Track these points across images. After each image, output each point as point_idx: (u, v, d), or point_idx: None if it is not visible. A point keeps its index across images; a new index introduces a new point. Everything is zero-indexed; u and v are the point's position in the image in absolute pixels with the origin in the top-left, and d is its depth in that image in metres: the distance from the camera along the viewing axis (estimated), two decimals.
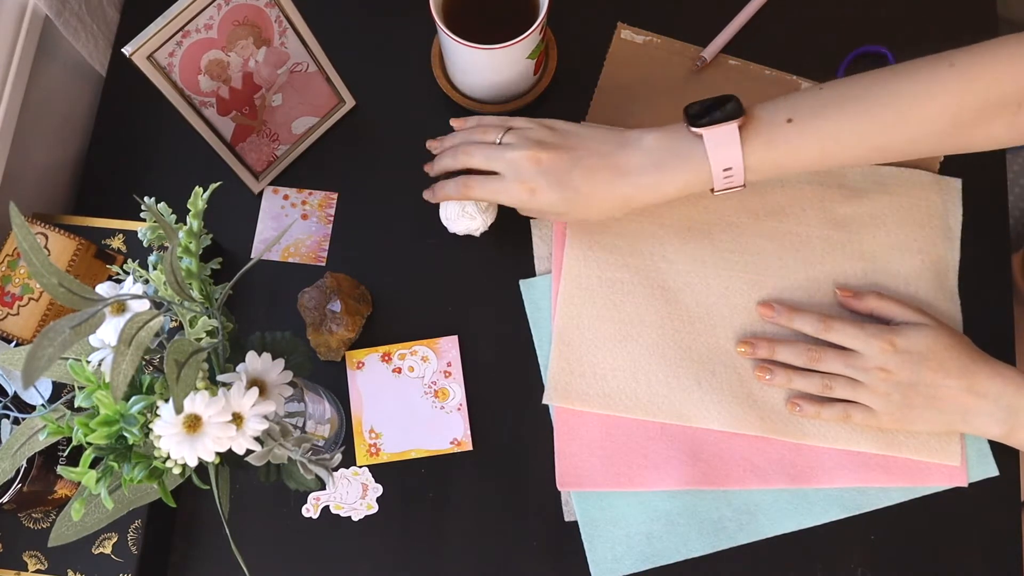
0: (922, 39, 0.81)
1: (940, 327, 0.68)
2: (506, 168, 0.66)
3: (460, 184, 0.68)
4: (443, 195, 0.70)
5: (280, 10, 0.70)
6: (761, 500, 0.71)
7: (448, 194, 0.70)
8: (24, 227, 0.41)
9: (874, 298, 0.71)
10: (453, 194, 0.69)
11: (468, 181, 0.68)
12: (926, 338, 0.67)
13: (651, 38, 0.82)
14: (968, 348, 0.67)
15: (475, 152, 0.67)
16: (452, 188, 0.69)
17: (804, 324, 0.70)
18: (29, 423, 0.48)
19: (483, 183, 0.67)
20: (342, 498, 0.72)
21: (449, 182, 0.70)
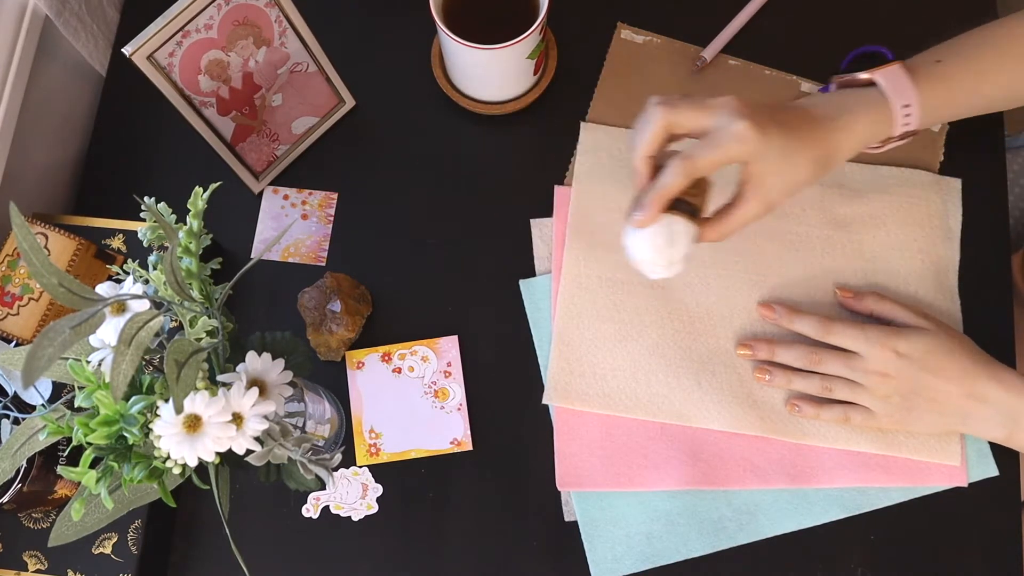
0: (922, 39, 0.81)
1: (941, 331, 0.67)
2: (720, 115, 0.57)
3: (678, 164, 0.56)
4: (662, 194, 0.57)
5: (280, 10, 0.70)
6: (761, 500, 0.71)
7: (668, 187, 0.56)
8: (24, 227, 0.41)
9: (874, 299, 0.71)
10: (672, 182, 0.56)
11: (686, 153, 0.56)
12: (927, 343, 0.66)
13: (651, 38, 0.82)
14: (969, 352, 0.67)
15: (677, 102, 0.58)
16: (670, 175, 0.56)
17: (805, 326, 0.70)
18: (29, 423, 0.48)
19: (705, 144, 0.57)
20: (342, 498, 0.72)
21: (664, 173, 0.57)
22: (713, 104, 0.57)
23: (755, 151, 0.57)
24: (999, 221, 0.76)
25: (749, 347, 0.71)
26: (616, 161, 0.78)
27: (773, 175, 0.58)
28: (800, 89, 0.80)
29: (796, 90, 0.80)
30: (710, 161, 0.57)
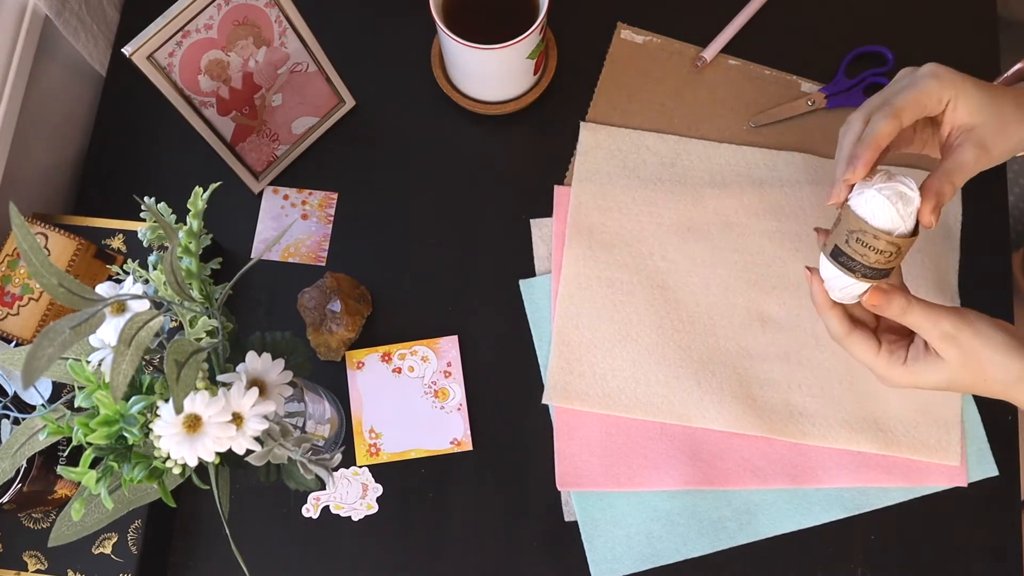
0: (922, 39, 0.82)
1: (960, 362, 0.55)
2: (908, 74, 0.56)
3: (878, 112, 0.54)
4: (873, 142, 0.53)
5: (280, 10, 0.70)
6: (761, 500, 0.71)
7: (877, 133, 0.53)
8: (24, 227, 0.41)
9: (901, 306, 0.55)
10: (881, 127, 0.53)
11: (886, 98, 0.55)
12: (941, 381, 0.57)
13: (651, 38, 0.82)
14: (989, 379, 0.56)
15: (866, 102, 0.56)
16: (877, 123, 0.54)
17: None
18: (29, 423, 0.48)
19: (901, 88, 0.55)
20: (342, 498, 0.72)
21: (870, 124, 0.54)
22: (895, 78, 0.57)
23: (952, 85, 0.54)
24: (999, 221, 0.76)
25: None
26: (616, 161, 0.78)
27: (981, 116, 0.54)
28: (800, 89, 0.80)
29: (796, 90, 0.80)
30: (911, 98, 0.54)
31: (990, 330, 0.54)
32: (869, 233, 0.51)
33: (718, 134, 0.79)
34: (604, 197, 0.77)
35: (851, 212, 0.52)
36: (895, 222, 0.51)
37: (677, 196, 0.77)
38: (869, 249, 0.51)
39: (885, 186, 0.51)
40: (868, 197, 0.51)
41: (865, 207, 0.51)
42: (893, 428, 0.71)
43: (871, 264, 0.52)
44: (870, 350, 0.56)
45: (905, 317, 0.54)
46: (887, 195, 0.51)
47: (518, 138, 0.80)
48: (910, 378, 0.56)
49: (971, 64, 0.80)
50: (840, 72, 0.79)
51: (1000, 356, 0.53)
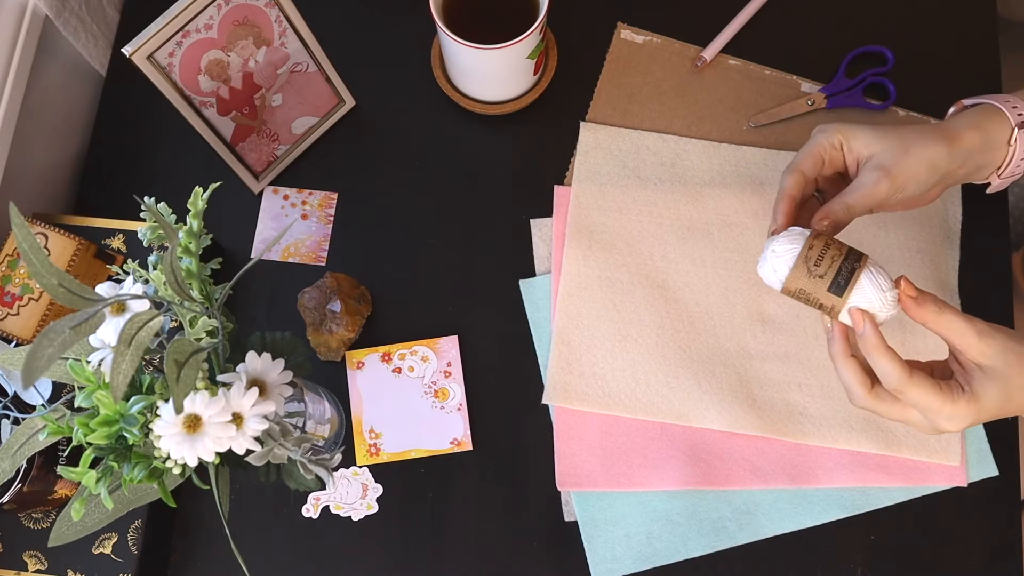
0: (922, 39, 0.82)
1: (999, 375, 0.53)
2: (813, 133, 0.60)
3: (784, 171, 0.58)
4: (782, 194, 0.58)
5: (280, 10, 0.70)
6: (761, 500, 0.71)
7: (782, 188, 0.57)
8: (24, 227, 0.41)
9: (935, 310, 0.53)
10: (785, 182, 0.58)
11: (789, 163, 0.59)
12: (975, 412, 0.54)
13: (651, 38, 0.82)
14: None
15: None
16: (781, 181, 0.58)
17: None
18: (29, 423, 0.48)
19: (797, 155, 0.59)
20: (342, 498, 0.72)
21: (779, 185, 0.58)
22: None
23: (839, 131, 0.58)
24: (999, 221, 0.76)
25: None
26: (616, 161, 0.78)
27: (874, 143, 0.57)
28: (800, 89, 0.80)
29: (796, 90, 0.80)
30: (807, 154, 0.58)
31: (1012, 331, 0.53)
32: (804, 253, 0.52)
33: (718, 134, 0.79)
34: (604, 197, 0.77)
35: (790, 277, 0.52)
36: (790, 248, 0.52)
37: (677, 196, 0.77)
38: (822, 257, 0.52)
39: (764, 253, 0.54)
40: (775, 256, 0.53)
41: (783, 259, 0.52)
42: (893, 428, 0.71)
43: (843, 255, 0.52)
44: (934, 387, 0.52)
45: (940, 317, 0.52)
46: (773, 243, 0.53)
47: (518, 138, 0.80)
48: (976, 405, 0.52)
49: (971, 64, 0.80)
50: (840, 72, 0.79)
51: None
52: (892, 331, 0.73)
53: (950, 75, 0.80)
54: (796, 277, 0.52)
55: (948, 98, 0.79)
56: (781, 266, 0.52)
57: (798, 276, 0.52)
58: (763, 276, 0.54)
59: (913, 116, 0.78)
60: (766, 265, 0.53)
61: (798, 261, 0.51)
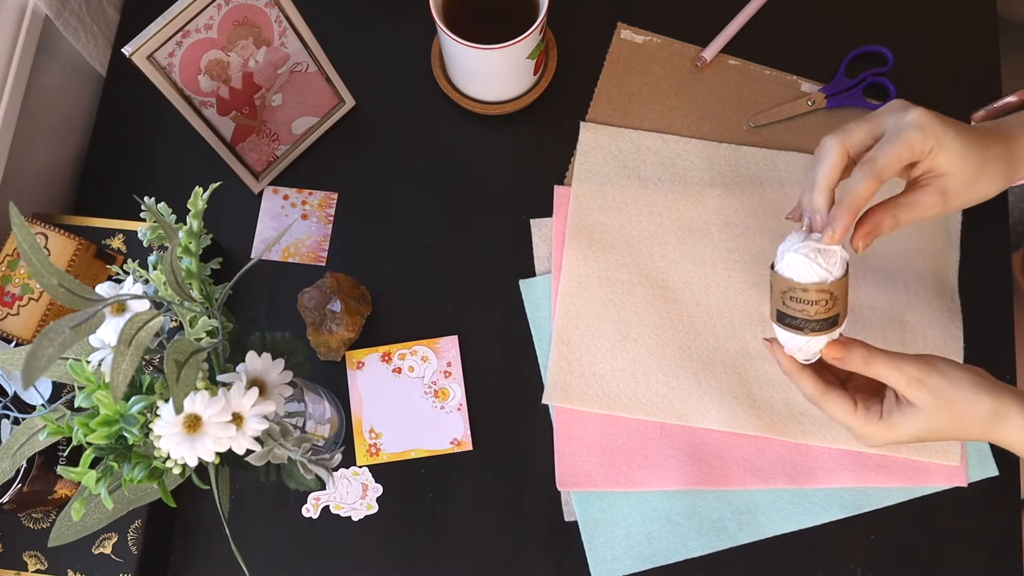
0: (922, 39, 0.82)
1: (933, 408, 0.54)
2: (892, 113, 0.54)
3: (860, 169, 0.53)
4: (852, 201, 0.52)
5: (280, 10, 0.70)
6: (761, 500, 0.71)
7: (856, 194, 0.52)
8: (24, 227, 0.41)
9: (862, 358, 0.54)
10: (861, 188, 0.52)
11: (869, 156, 0.53)
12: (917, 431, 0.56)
13: (651, 38, 0.82)
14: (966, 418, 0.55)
15: (848, 127, 0.54)
16: (856, 182, 0.52)
17: None
18: (29, 423, 0.48)
19: (884, 143, 0.53)
20: (342, 498, 0.72)
21: (849, 181, 0.53)
22: (883, 110, 0.54)
23: (938, 137, 0.52)
24: (999, 221, 0.76)
25: None
26: (616, 161, 0.78)
27: (955, 167, 0.53)
28: (800, 89, 0.80)
29: (796, 90, 0.80)
30: (894, 157, 0.52)
31: (955, 371, 0.54)
32: (799, 289, 0.52)
33: (718, 134, 0.79)
34: (604, 197, 0.77)
35: (778, 275, 0.53)
36: (820, 275, 0.52)
37: (677, 196, 0.77)
38: (806, 304, 0.52)
39: (802, 245, 0.52)
40: (789, 260, 0.52)
41: (789, 268, 0.52)
42: None
43: (813, 317, 0.52)
44: (847, 408, 0.55)
45: (869, 367, 0.54)
46: (805, 254, 0.52)
47: (518, 138, 0.80)
48: (889, 432, 0.55)
49: (971, 64, 0.80)
50: (840, 72, 0.79)
51: (969, 393, 0.53)
52: (892, 330, 0.73)
53: (950, 75, 0.80)
54: (779, 281, 0.53)
55: (948, 98, 0.79)
56: (784, 267, 0.53)
57: (780, 283, 0.53)
58: (779, 248, 0.54)
59: None
60: (787, 251, 0.53)
61: (790, 281, 0.52)
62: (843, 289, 0.53)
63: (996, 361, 0.73)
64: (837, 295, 0.53)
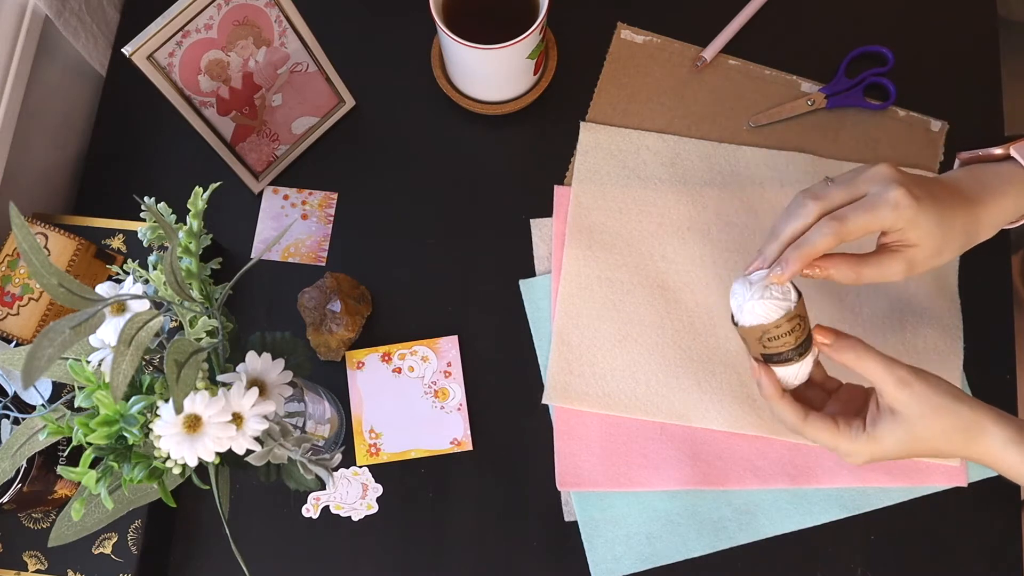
0: (922, 39, 0.82)
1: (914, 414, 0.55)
2: (874, 183, 0.55)
3: (827, 224, 0.54)
4: (806, 252, 0.54)
5: (280, 10, 0.70)
6: (761, 500, 0.71)
7: (814, 245, 0.54)
8: (24, 227, 0.41)
9: (854, 355, 0.56)
10: (819, 241, 0.54)
11: (839, 214, 0.55)
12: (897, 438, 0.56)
13: (651, 38, 0.82)
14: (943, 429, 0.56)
15: (826, 191, 0.56)
16: (817, 234, 0.54)
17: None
18: (29, 423, 0.48)
19: (858, 207, 0.55)
20: (342, 498, 0.72)
21: (811, 232, 0.55)
22: (866, 176, 0.56)
23: (909, 218, 0.54)
24: None
25: None
26: (616, 161, 0.78)
27: (924, 241, 0.56)
28: (800, 89, 0.80)
29: (796, 90, 0.80)
30: (863, 225, 0.54)
31: (938, 381, 0.55)
32: (771, 327, 0.54)
33: (718, 134, 0.79)
34: (604, 197, 0.77)
35: (748, 328, 0.55)
36: (783, 306, 0.54)
37: (677, 196, 0.77)
38: (783, 336, 0.54)
39: (755, 290, 0.54)
40: (751, 309, 0.54)
41: (755, 316, 0.54)
42: None
43: (794, 345, 0.54)
44: (830, 428, 0.56)
45: (861, 361, 0.55)
46: (761, 296, 0.54)
47: (518, 138, 0.80)
48: (874, 446, 0.56)
49: (971, 64, 0.80)
50: (840, 72, 0.79)
51: (950, 401, 0.54)
52: (893, 331, 0.73)
53: (950, 75, 0.80)
54: (748, 333, 0.55)
55: (948, 98, 0.79)
56: (748, 317, 0.54)
57: (750, 334, 0.54)
58: (732, 300, 0.55)
59: (913, 116, 0.78)
60: (740, 303, 0.54)
61: (760, 327, 0.54)
62: (804, 306, 0.55)
63: (996, 361, 0.73)
64: (803, 314, 0.55)
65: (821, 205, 0.56)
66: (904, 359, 0.72)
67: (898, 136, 0.78)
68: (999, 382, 0.73)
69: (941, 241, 0.56)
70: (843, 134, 0.79)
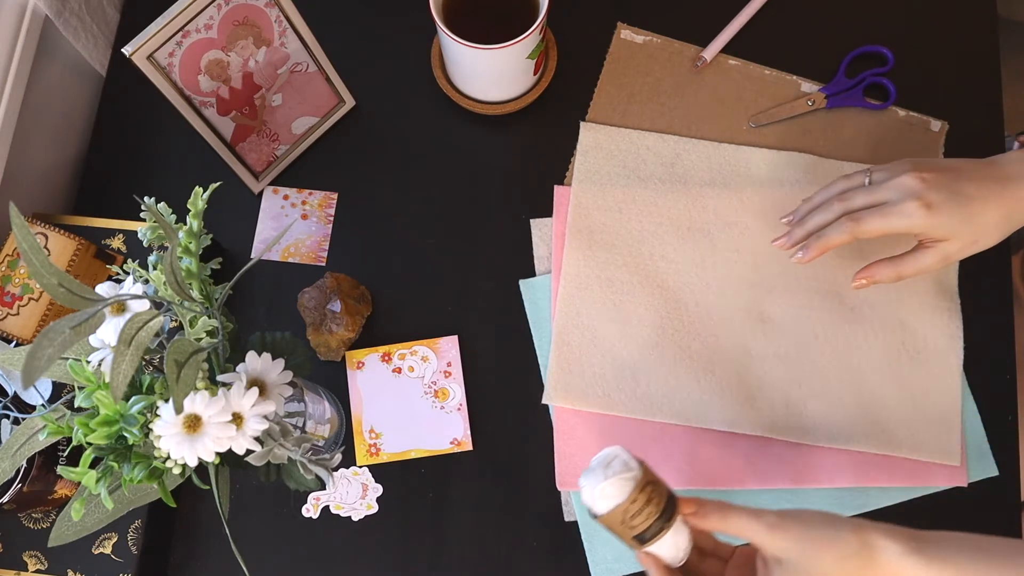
0: (922, 39, 0.82)
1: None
2: (894, 191, 0.61)
3: (845, 224, 0.62)
4: (824, 244, 0.63)
5: (280, 10, 0.70)
6: (761, 500, 0.70)
7: (831, 239, 0.62)
8: (24, 227, 0.41)
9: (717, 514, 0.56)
10: (836, 237, 0.62)
11: (857, 216, 0.61)
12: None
13: (651, 38, 0.82)
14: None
15: (853, 195, 0.63)
16: (836, 231, 0.62)
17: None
18: (29, 423, 0.48)
19: (874, 212, 0.61)
20: (342, 498, 0.72)
21: (830, 228, 0.63)
22: (890, 184, 0.61)
23: (924, 225, 0.60)
24: None
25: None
26: (616, 161, 0.78)
27: (953, 236, 0.61)
28: (800, 89, 0.80)
29: (796, 90, 0.80)
30: (876, 229, 0.61)
31: (810, 514, 0.53)
32: (628, 504, 0.52)
33: (718, 134, 0.79)
34: (604, 197, 0.77)
35: (608, 514, 0.53)
36: (629, 477, 0.53)
37: (677, 196, 0.77)
38: (644, 508, 0.53)
39: (593, 477, 0.53)
40: (601, 494, 0.53)
41: (608, 500, 0.53)
42: (893, 428, 0.71)
43: (657, 513, 0.53)
44: None
45: (727, 521, 0.54)
46: (604, 478, 0.53)
47: (518, 138, 0.80)
48: None
49: (971, 64, 0.80)
50: (840, 72, 0.79)
51: (829, 531, 0.52)
52: (892, 330, 0.73)
53: (950, 75, 0.80)
54: (611, 518, 0.53)
55: (948, 98, 0.79)
56: (602, 503, 0.53)
57: (612, 519, 0.53)
58: (582, 495, 0.55)
59: (913, 116, 0.78)
60: (591, 492, 0.54)
61: (618, 508, 0.53)
62: (651, 471, 0.55)
63: (996, 361, 0.73)
64: (653, 479, 0.54)
65: (844, 207, 0.63)
66: (904, 359, 0.72)
67: (898, 136, 0.78)
68: (999, 382, 0.73)
69: (973, 233, 0.60)
70: (843, 134, 0.79)
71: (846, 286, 0.74)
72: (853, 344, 0.73)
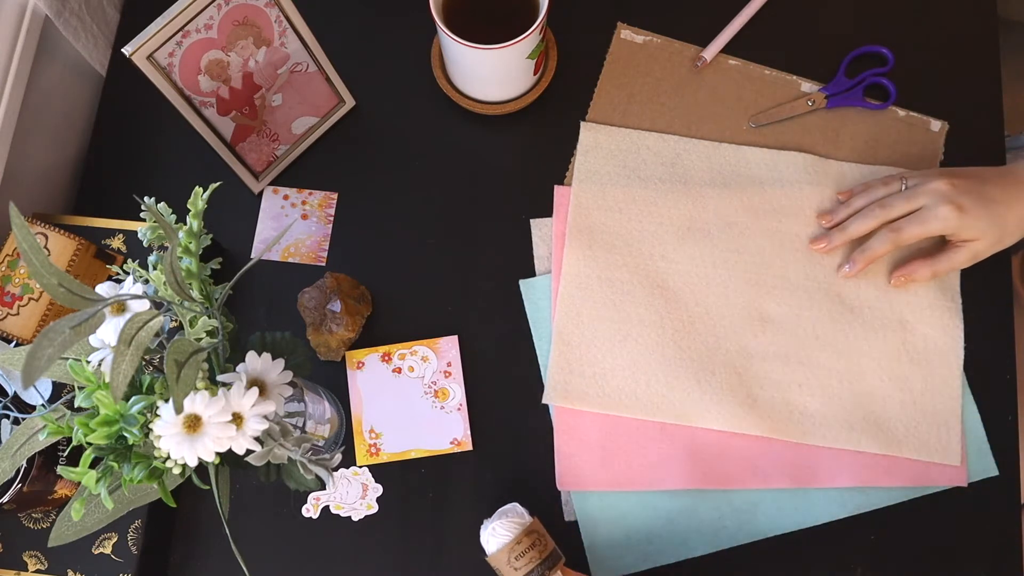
0: (922, 39, 0.82)
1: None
2: (929, 197, 0.68)
3: (887, 234, 0.69)
4: (869, 256, 0.71)
5: (280, 10, 0.70)
6: (761, 500, 0.71)
7: (875, 251, 0.70)
8: (24, 227, 0.41)
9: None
10: (880, 248, 0.70)
11: (896, 226, 0.69)
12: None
13: (651, 38, 0.82)
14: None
15: (892, 201, 0.70)
16: (879, 242, 0.70)
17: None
18: (29, 423, 0.48)
19: (912, 220, 0.69)
20: (342, 498, 0.72)
21: (873, 240, 0.70)
22: (924, 189, 0.69)
23: (956, 227, 0.67)
24: None
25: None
26: (616, 161, 0.78)
27: (981, 236, 0.68)
28: (800, 89, 0.80)
29: (796, 90, 0.80)
30: (916, 235, 0.69)
31: None
32: (513, 544, 0.62)
33: (718, 134, 0.79)
34: (604, 197, 0.77)
35: (495, 555, 0.63)
36: (517, 521, 0.63)
37: (677, 196, 0.77)
38: (527, 551, 0.62)
39: (493, 520, 0.64)
40: (491, 535, 0.63)
41: (497, 540, 0.63)
42: (893, 428, 0.71)
43: (540, 559, 0.62)
44: None
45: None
46: (497, 523, 0.63)
47: (518, 138, 0.80)
48: None
49: (971, 64, 0.80)
50: (840, 72, 0.79)
51: None
52: (893, 330, 0.73)
53: (950, 75, 0.80)
54: (498, 558, 0.62)
55: (948, 98, 0.79)
56: (493, 542, 0.63)
57: (500, 558, 0.62)
58: (481, 536, 0.65)
59: (913, 116, 0.79)
60: (485, 532, 0.64)
61: (505, 547, 0.62)
62: (540, 525, 0.64)
63: (996, 361, 0.73)
64: (540, 531, 0.63)
65: (884, 215, 0.70)
66: (904, 359, 0.72)
67: (898, 136, 0.78)
68: (999, 382, 0.73)
69: (998, 233, 0.68)
70: (843, 134, 0.79)
71: (847, 286, 0.74)
72: (853, 344, 0.73)
